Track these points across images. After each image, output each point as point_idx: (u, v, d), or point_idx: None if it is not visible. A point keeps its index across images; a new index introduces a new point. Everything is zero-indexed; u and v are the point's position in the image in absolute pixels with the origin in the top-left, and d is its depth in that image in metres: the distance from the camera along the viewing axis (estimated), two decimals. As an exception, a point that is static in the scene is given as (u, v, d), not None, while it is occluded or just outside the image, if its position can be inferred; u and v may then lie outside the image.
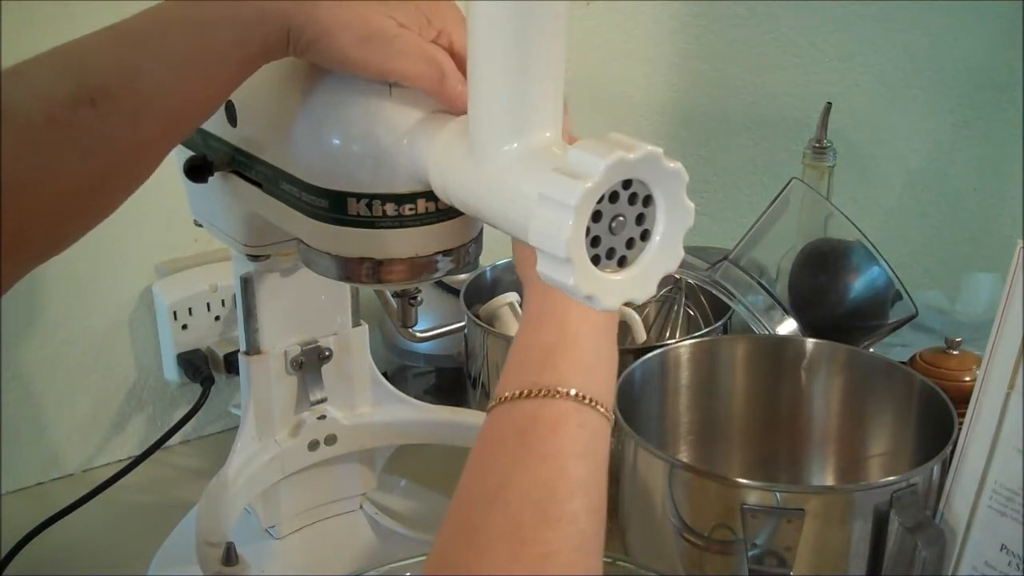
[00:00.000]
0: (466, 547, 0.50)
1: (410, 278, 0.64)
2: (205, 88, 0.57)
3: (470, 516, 0.52)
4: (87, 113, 0.53)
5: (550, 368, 0.55)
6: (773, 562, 0.73)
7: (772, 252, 0.99)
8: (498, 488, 0.52)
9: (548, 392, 0.54)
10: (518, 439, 0.54)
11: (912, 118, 1.44)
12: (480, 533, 0.51)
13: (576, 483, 0.52)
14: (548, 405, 0.54)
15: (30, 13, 0.90)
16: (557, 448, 0.53)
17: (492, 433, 0.55)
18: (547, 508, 0.51)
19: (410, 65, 0.57)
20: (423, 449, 0.91)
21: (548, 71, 0.52)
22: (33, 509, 0.95)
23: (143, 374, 1.06)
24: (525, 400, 0.54)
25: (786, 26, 1.32)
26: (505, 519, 0.50)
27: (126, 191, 0.58)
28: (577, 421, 0.54)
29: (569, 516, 0.51)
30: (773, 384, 0.92)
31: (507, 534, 0.50)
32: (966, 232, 1.51)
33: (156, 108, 0.55)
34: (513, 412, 0.55)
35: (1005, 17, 1.41)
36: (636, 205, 0.50)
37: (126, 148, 0.55)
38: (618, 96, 1.27)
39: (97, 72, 0.54)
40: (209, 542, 0.73)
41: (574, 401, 0.54)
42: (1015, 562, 0.74)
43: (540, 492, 0.51)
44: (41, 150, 0.53)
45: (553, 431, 0.53)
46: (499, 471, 0.53)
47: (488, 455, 0.54)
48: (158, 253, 1.04)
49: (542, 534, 0.50)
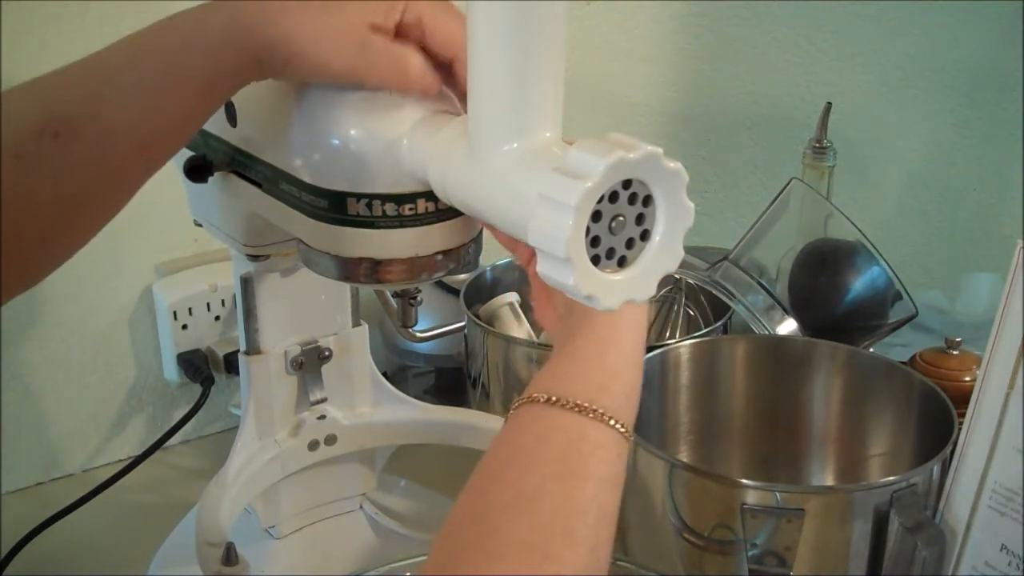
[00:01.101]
0: (482, 549, 0.50)
1: (410, 278, 0.64)
2: (172, 115, 0.58)
3: (491, 517, 0.51)
4: (52, 145, 0.54)
5: (607, 393, 0.54)
6: (773, 562, 0.73)
7: (772, 252, 0.99)
8: (532, 497, 0.51)
9: (601, 416, 0.53)
10: (562, 452, 0.53)
11: (912, 118, 1.44)
12: (500, 538, 0.50)
13: (603, 511, 0.52)
14: (597, 428, 0.53)
15: (30, 13, 0.90)
16: (597, 473, 0.52)
17: (534, 436, 0.54)
18: (576, 530, 0.50)
19: (383, 72, 0.58)
20: (423, 449, 0.91)
21: (548, 71, 0.52)
22: (33, 509, 0.95)
23: (143, 374, 1.06)
24: (576, 414, 0.53)
25: (786, 26, 1.32)
26: (530, 530, 0.50)
27: (101, 219, 0.59)
28: (617, 452, 0.54)
29: (592, 541, 0.51)
30: (773, 384, 0.92)
31: (529, 546, 0.49)
32: (966, 232, 1.51)
33: (123, 136, 0.56)
34: (562, 421, 0.53)
35: (1005, 17, 1.41)
36: (636, 205, 0.50)
37: (95, 177, 0.56)
38: (618, 96, 1.27)
39: (64, 104, 0.55)
40: (209, 542, 0.73)
41: (617, 432, 0.54)
42: (1015, 562, 0.74)
43: (571, 512, 0.51)
44: (10, 181, 0.53)
45: (595, 454, 0.53)
46: (535, 478, 0.52)
47: (524, 457, 0.53)
48: (158, 253, 1.04)
49: (564, 553, 0.49)
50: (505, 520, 0.50)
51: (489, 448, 0.54)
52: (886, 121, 1.43)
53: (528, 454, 0.53)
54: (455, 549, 0.51)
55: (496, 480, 0.53)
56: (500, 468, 0.53)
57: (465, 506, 0.52)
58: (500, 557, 0.49)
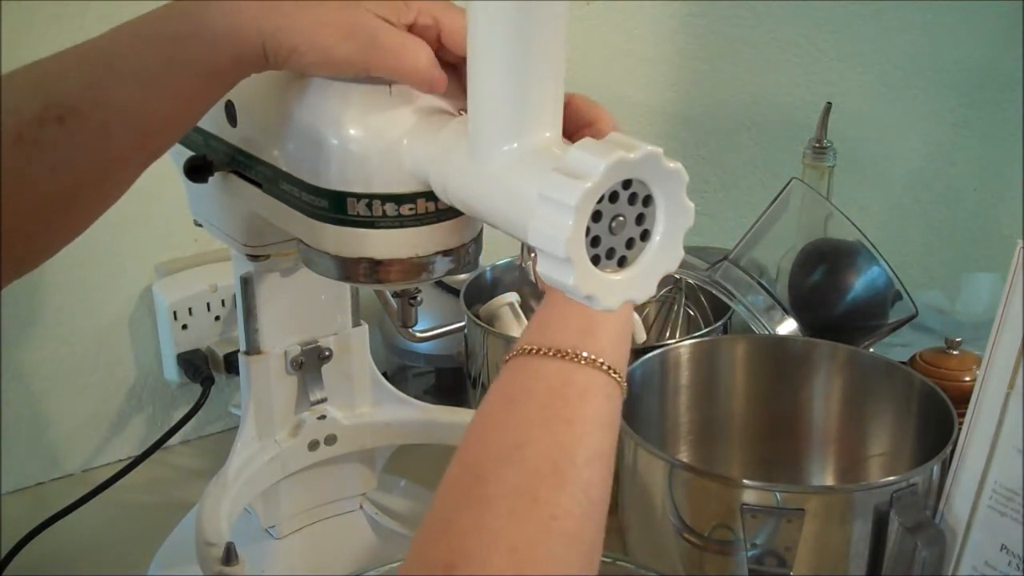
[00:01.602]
0: (472, 498, 0.50)
1: (410, 278, 0.64)
2: (174, 103, 0.57)
3: (482, 466, 0.51)
4: (54, 130, 0.54)
5: (590, 336, 0.55)
6: (773, 562, 0.73)
7: (772, 252, 0.99)
8: (517, 444, 0.51)
9: (586, 359, 0.54)
10: (546, 399, 0.53)
11: (912, 118, 1.44)
12: (490, 485, 0.50)
13: (594, 452, 0.52)
14: (582, 371, 0.54)
15: (30, 13, 0.90)
16: (583, 415, 0.53)
17: (518, 385, 0.54)
18: (564, 472, 0.51)
19: (392, 59, 0.57)
20: (423, 449, 0.91)
21: (548, 71, 0.52)
22: (33, 509, 0.95)
23: (143, 374, 1.06)
24: (559, 360, 0.54)
25: (786, 26, 1.32)
26: (519, 476, 0.50)
27: (99, 207, 0.58)
28: (605, 392, 0.54)
29: (583, 482, 0.51)
30: (773, 384, 0.92)
31: (518, 491, 0.50)
32: (966, 232, 1.51)
33: (124, 124, 0.56)
34: (545, 368, 0.54)
35: (1005, 17, 1.41)
36: (636, 205, 0.50)
37: (95, 164, 0.56)
38: (618, 96, 1.27)
39: (65, 89, 0.55)
40: (209, 542, 0.73)
41: (605, 373, 0.54)
42: (1015, 562, 0.74)
43: (559, 455, 0.51)
44: (10, 168, 0.53)
45: (582, 398, 0.53)
46: (521, 427, 0.52)
47: (511, 407, 0.54)
48: (158, 253, 1.04)
49: (554, 496, 0.50)
50: (493, 469, 0.51)
51: (479, 405, 0.55)
52: (886, 121, 1.43)
53: (514, 405, 0.54)
54: (448, 503, 0.51)
55: (485, 433, 0.53)
56: (489, 421, 0.54)
57: (456, 462, 0.53)
58: (490, 504, 0.49)
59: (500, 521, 0.49)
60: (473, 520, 0.49)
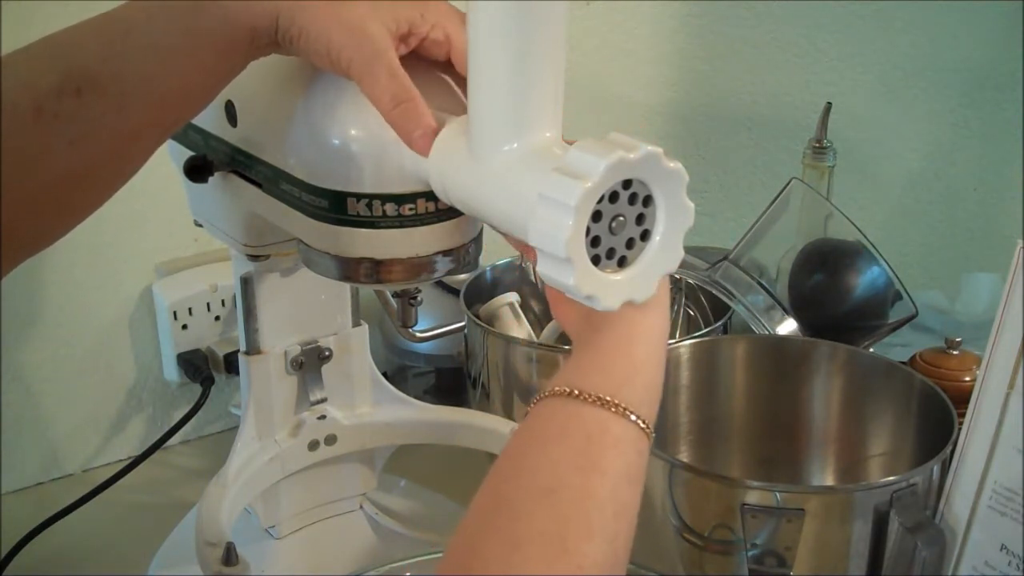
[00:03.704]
0: (503, 534, 0.50)
1: (410, 278, 0.64)
2: (191, 76, 0.57)
3: (513, 503, 0.51)
4: (73, 103, 0.53)
5: (629, 387, 0.54)
6: (773, 562, 0.73)
7: (772, 252, 0.99)
8: (551, 488, 0.51)
9: (623, 411, 0.53)
10: (583, 446, 0.53)
11: (912, 118, 1.44)
12: (521, 525, 0.50)
13: (623, 505, 0.52)
14: (618, 423, 0.53)
15: (30, 13, 0.90)
16: (617, 468, 0.52)
17: (556, 427, 0.54)
18: (594, 522, 0.50)
19: (377, 91, 0.57)
20: (423, 449, 0.91)
21: (548, 71, 0.52)
22: (33, 509, 0.95)
23: (143, 374, 1.06)
24: (598, 407, 0.53)
25: (786, 26, 1.32)
26: (551, 521, 0.50)
27: (113, 183, 0.58)
28: (637, 447, 0.54)
29: (611, 535, 0.51)
30: (773, 384, 0.92)
31: (550, 536, 0.49)
32: (966, 232, 1.51)
33: (142, 96, 0.55)
34: (583, 414, 0.53)
35: (1005, 17, 1.41)
36: (636, 205, 0.50)
37: (113, 138, 0.55)
38: (618, 96, 1.27)
39: (83, 61, 0.54)
40: (209, 542, 0.73)
41: (639, 428, 0.54)
42: (1015, 562, 0.74)
43: (591, 505, 0.51)
44: (28, 140, 0.53)
45: (616, 448, 0.53)
46: (556, 470, 0.52)
47: (546, 447, 0.53)
48: (158, 253, 1.04)
49: (583, 546, 0.50)
50: (525, 509, 0.50)
51: (512, 438, 0.55)
52: (886, 121, 1.43)
53: (550, 445, 0.53)
54: (476, 534, 0.51)
55: (517, 470, 0.53)
56: (521, 459, 0.53)
57: (487, 494, 0.52)
58: (519, 545, 0.49)
59: (529, 566, 0.48)
60: (502, 558, 0.49)
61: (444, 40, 0.60)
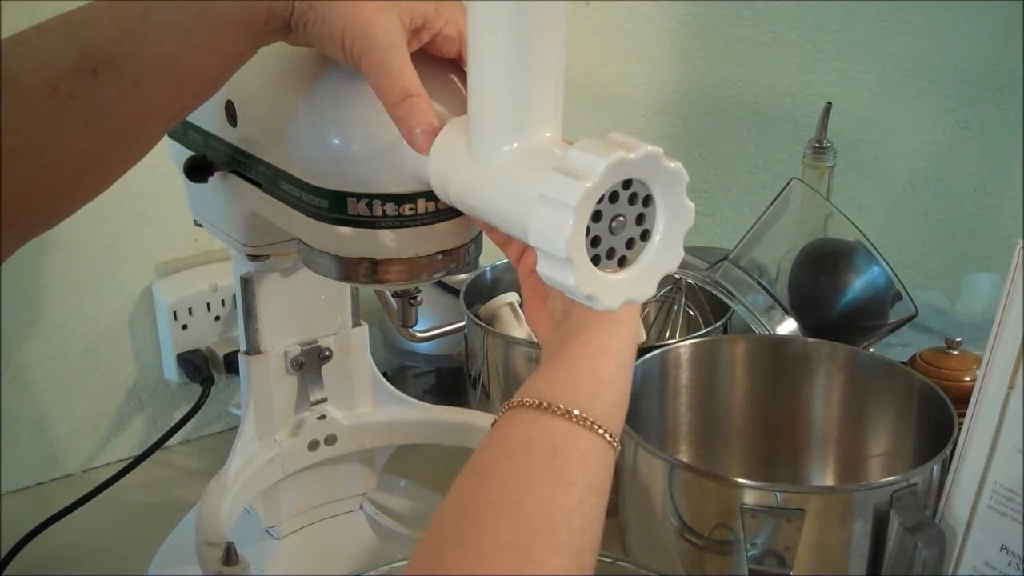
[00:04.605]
0: (468, 544, 0.50)
1: (410, 278, 0.64)
2: (207, 55, 0.57)
3: (479, 514, 0.51)
4: (89, 83, 0.53)
5: (598, 401, 0.54)
6: (773, 562, 0.73)
7: (772, 252, 0.99)
8: (517, 499, 0.51)
9: (591, 425, 0.53)
10: (551, 458, 0.53)
11: (912, 118, 1.44)
12: (487, 538, 0.50)
13: (587, 518, 0.52)
14: (586, 436, 0.53)
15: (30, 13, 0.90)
16: (584, 481, 0.52)
17: (523, 438, 0.54)
18: (560, 536, 0.50)
19: (385, 85, 0.57)
20: (423, 449, 0.91)
21: (548, 71, 0.52)
22: (33, 509, 0.95)
23: (143, 374, 1.06)
24: (567, 420, 0.53)
25: (786, 26, 1.33)
26: (517, 533, 0.50)
27: (125, 164, 0.58)
28: (603, 460, 0.54)
29: (577, 548, 0.51)
30: (773, 384, 0.92)
31: (515, 548, 0.49)
32: (966, 232, 1.51)
33: (158, 77, 0.55)
34: (552, 427, 0.53)
35: (1005, 17, 1.41)
36: (636, 205, 0.50)
37: (127, 118, 0.55)
38: (618, 96, 1.27)
39: (100, 41, 0.54)
40: (209, 542, 0.73)
41: (606, 442, 0.54)
42: (1015, 562, 0.74)
43: (557, 518, 0.51)
44: (42, 120, 0.52)
45: (583, 462, 0.53)
46: (522, 482, 0.52)
47: (513, 459, 0.53)
48: (158, 253, 1.04)
49: (549, 559, 0.50)
50: (491, 521, 0.50)
51: (478, 449, 0.55)
52: (886, 121, 1.43)
53: (517, 457, 0.53)
54: (441, 546, 0.51)
55: (484, 481, 0.53)
56: (488, 469, 0.53)
57: (452, 504, 0.52)
58: (485, 557, 0.49)
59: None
60: (468, 570, 0.49)
61: (456, 37, 0.60)
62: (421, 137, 0.57)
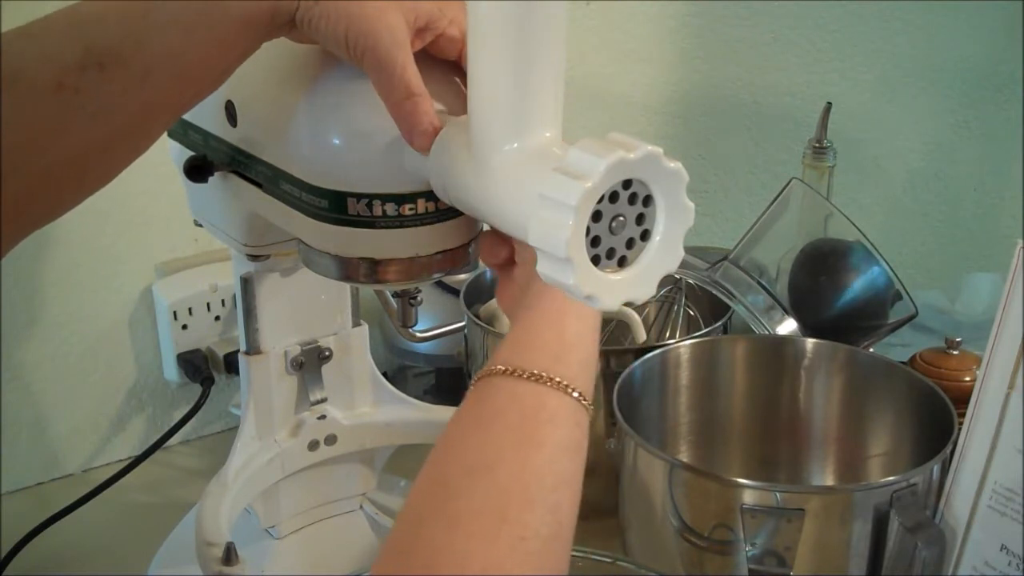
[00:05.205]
0: (443, 514, 0.50)
1: (409, 278, 0.64)
2: (212, 49, 0.56)
3: (452, 483, 0.52)
4: (95, 77, 0.53)
5: (563, 362, 0.55)
6: (773, 562, 0.73)
7: (772, 252, 0.99)
8: (488, 464, 0.52)
9: (557, 384, 0.54)
10: (518, 421, 0.53)
11: (912, 118, 1.44)
12: (459, 503, 0.51)
13: (562, 476, 0.53)
14: (553, 396, 0.54)
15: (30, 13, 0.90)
16: (554, 440, 0.53)
17: (491, 405, 0.55)
18: (533, 494, 0.51)
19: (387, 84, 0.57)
20: (423, 449, 0.90)
21: (548, 71, 0.52)
22: (33, 509, 0.95)
23: (143, 374, 1.06)
24: (533, 383, 0.54)
25: (786, 26, 1.33)
26: (489, 496, 0.51)
27: (129, 157, 0.58)
28: (575, 419, 0.55)
29: (552, 505, 0.52)
30: (773, 384, 0.92)
31: (488, 511, 0.50)
32: (966, 232, 1.52)
33: (163, 71, 0.55)
34: (518, 390, 0.54)
35: (1005, 17, 1.41)
36: (636, 205, 0.50)
37: (132, 113, 0.55)
38: (618, 96, 1.27)
39: (106, 36, 0.54)
40: (209, 542, 0.73)
41: (575, 400, 0.55)
42: (1015, 562, 0.74)
43: (529, 478, 0.52)
44: (47, 114, 0.53)
45: (552, 422, 0.54)
46: (492, 447, 0.53)
47: (483, 426, 0.54)
48: (158, 253, 1.04)
49: (523, 516, 0.50)
50: (464, 487, 0.51)
51: (450, 421, 0.55)
52: (886, 121, 1.43)
53: (487, 424, 0.54)
54: (416, 517, 0.52)
55: (456, 450, 0.54)
56: (460, 438, 0.54)
57: (426, 476, 0.53)
58: (458, 523, 0.50)
59: (471, 542, 0.49)
60: (444, 537, 0.50)
61: (459, 37, 0.60)
62: (422, 137, 0.57)
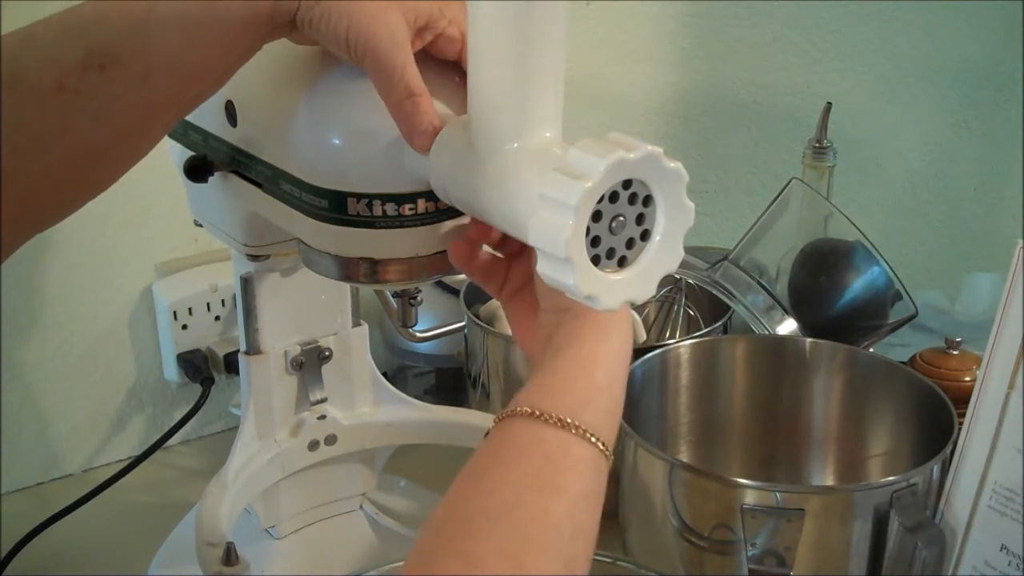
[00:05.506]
0: (460, 552, 0.50)
1: (410, 278, 0.64)
2: (213, 50, 0.56)
3: (471, 521, 0.51)
4: (96, 78, 0.53)
5: (590, 409, 0.54)
6: (773, 562, 0.73)
7: (772, 252, 0.99)
8: (510, 507, 0.51)
9: (583, 433, 0.53)
10: (541, 466, 0.53)
11: (912, 118, 1.44)
12: (478, 544, 0.50)
13: (579, 527, 0.52)
14: (579, 444, 0.53)
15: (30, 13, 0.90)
16: (576, 489, 0.52)
17: (515, 447, 0.54)
18: (551, 543, 0.51)
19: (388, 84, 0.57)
20: (423, 449, 0.91)
21: (548, 71, 0.52)
22: (33, 509, 0.95)
23: (143, 374, 1.06)
24: (559, 429, 0.53)
25: (786, 26, 1.33)
26: (509, 540, 0.50)
27: (131, 158, 0.58)
28: (596, 468, 0.54)
29: (568, 556, 0.51)
30: (773, 384, 0.92)
31: (506, 555, 0.49)
32: (966, 232, 1.51)
33: (165, 71, 0.55)
34: (544, 435, 0.53)
35: (1005, 17, 1.41)
36: (636, 205, 0.50)
37: (134, 113, 0.55)
38: (618, 96, 1.27)
39: (107, 36, 0.54)
40: (209, 542, 0.73)
41: (600, 451, 0.54)
42: (1015, 562, 0.74)
43: (548, 525, 0.51)
44: (48, 116, 0.53)
45: (575, 470, 0.53)
46: (514, 489, 0.52)
47: (506, 467, 0.53)
48: (158, 253, 1.04)
49: (538, 564, 0.50)
50: (482, 527, 0.50)
51: (472, 457, 0.55)
52: (886, 121, 1.43)
53: (509, 465, 0.53)
54: (432, 550, 0.51)
55: (477, 488, 0.53)
56: (481, 477, 0.53)
57: (445, 510, 0.53)
58: (475, 564, 0.49)
59: None
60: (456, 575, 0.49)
61: (459, 38, 0.60)
62: (422, 137, 0.57)
